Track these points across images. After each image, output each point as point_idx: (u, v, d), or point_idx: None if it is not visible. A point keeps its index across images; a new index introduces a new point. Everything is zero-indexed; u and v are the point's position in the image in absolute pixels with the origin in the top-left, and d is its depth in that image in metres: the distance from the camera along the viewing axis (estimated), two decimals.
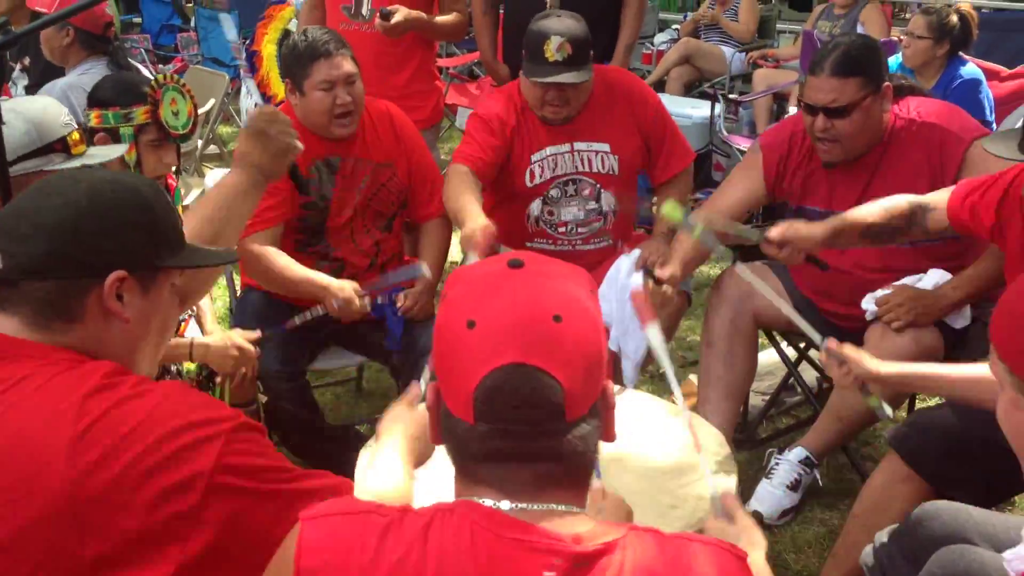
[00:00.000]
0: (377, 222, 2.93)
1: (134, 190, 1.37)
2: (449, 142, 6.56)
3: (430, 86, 3.71)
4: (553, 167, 2.98)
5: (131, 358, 1.38)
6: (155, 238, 1.37)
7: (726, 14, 7.28)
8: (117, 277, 1.32)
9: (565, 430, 1.06)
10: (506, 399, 1.04)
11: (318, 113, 2.73)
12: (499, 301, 1.07)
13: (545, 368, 1.04)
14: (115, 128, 2.48)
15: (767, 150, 2.81)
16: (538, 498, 1.06)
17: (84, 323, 1.32)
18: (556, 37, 2.75)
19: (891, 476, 2.22)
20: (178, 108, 2.53)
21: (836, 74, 2.51)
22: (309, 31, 2.78)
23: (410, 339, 2.84)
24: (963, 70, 4.11)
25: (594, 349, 1.09)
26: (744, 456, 2.99)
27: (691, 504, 1.87)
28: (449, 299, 1.11)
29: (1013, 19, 6.57)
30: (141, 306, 1.35)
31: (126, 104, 2.48)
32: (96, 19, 3.63)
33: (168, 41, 8.69)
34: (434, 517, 1.06)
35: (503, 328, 1.05)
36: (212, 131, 5.53)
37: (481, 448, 1.07)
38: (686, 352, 3.80)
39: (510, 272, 1.10)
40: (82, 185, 1.34)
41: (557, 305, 1.07)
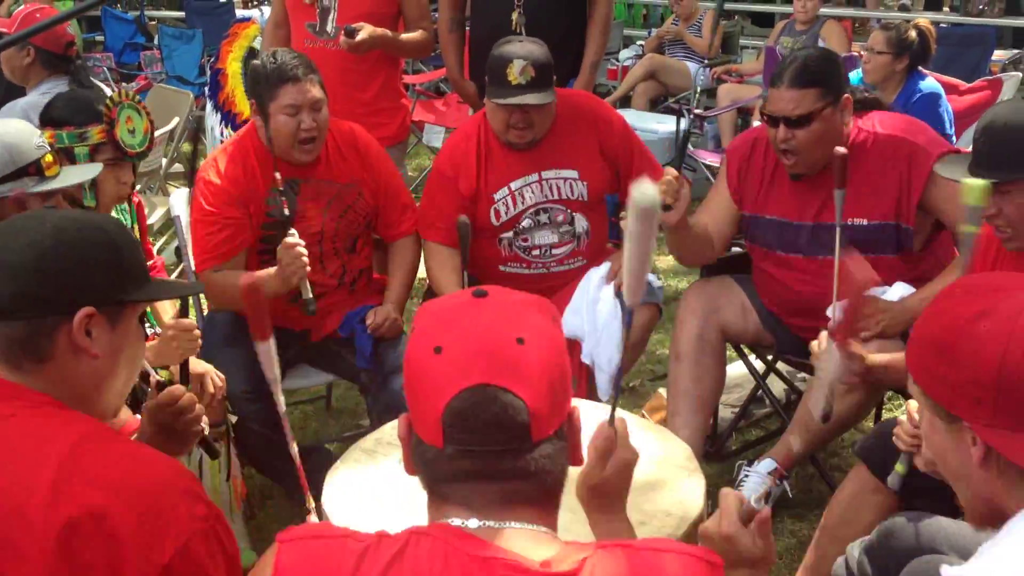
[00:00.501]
0: (345, 243, 2.92)
1: (99, 228, 1.39)
2: (416, 158, 6.57)
3: (396, 103, 3.70)
4: (522, 200, 2.98)
5: (99, 394, 1.38)
6: (121, 273, 1.39)
7: (690, 30, 7.35)
8: (86, 314, 1.33)
9: (531, 449, 1.08)
10: (473, 419, 1.06)
11: (282, 136, 2.71)
12: (464, 327, 1.11)
13: (510, 388, 1.07)
14: (69, 148, 2.43)
15: (730, 157, 2.84)
16: (506, 516, 1.08)
17: (54, 361, 1.33)
18: (519, 61, 2.77)
19: (859, 487, 2.23)
20: (134, 126, 2.49)
21: (795, 85, 2.55)
22: (279, 53, 2.75)
23: (379, 357, 2.82)
24: (922, 84, 4.18)
25: (558, 372, 1.12)
26: (714, 468, 3.01)
27: (659, 520, 1.86)
28: (417, 330, 1.15)
29: (970, 34, 6.70)
30: (110, 341, 1.37)
31: (81, 124, 2.43)
32: (57, 38, 3.60)
33: (131, 59, 8.62)
34: (409, 540, 1.08)
35: (468, 352, 1.08)
36: (177, 149, 5.48)
37: (450, 468, 1.09)
38: (655, 366, 3.81)
39: (475, 301, 1.14)
40: (47, 225, 1.36)
41: (520, 329, 1.10)
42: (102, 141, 2.44)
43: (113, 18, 9.09)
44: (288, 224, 2.80)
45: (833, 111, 2.57)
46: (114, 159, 2.47)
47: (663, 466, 2.05)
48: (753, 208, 2.80)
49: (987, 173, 2.03)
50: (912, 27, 4.19)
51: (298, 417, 3.50)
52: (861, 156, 2.64)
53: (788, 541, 2.78)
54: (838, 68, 2.66)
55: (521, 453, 1.08)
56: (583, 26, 3.65)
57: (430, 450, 1.09)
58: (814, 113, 2.55)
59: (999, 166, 2.04)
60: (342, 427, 3.43)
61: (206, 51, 7.80)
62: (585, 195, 3.00)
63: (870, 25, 8.40)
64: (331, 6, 3.49)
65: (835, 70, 2.63)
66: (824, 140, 2.59)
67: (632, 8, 10.13)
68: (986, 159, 2.08)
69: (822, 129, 2.57)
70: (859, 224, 2.64)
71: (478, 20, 3.74)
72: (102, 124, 2.43)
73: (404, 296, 2.98)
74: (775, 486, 2.75)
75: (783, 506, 2.84)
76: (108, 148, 2.45)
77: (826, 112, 2.56)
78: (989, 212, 2.06)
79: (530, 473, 1.08)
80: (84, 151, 2.43)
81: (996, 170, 2.04)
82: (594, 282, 2.94)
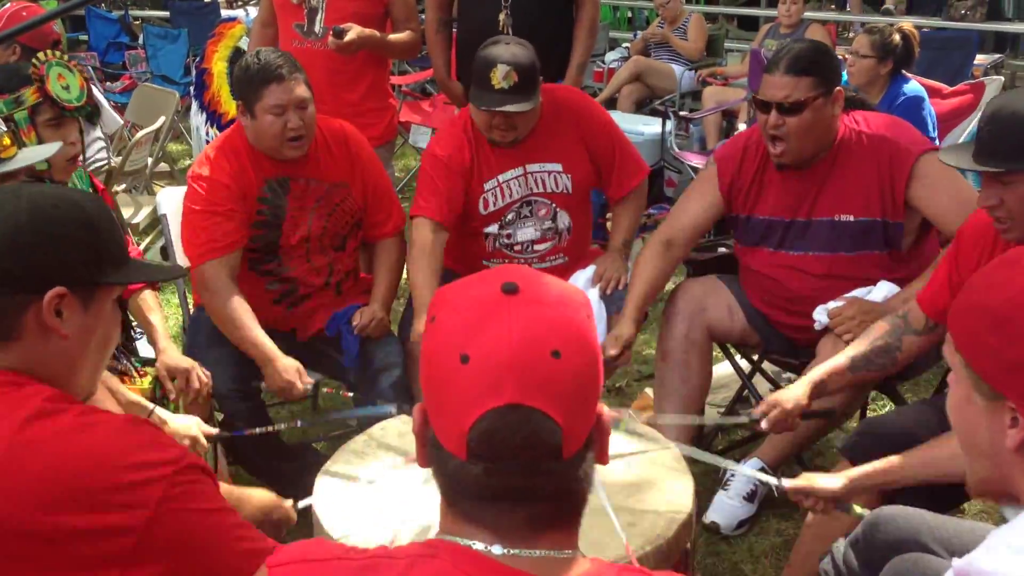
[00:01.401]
0: (333, 242, 2.92)
1: (76, 205, 1.36)
2: (403, 159, 6.57)
3: (384, 103, 3.71)
4: (508, 193, 2.99)
5: (70, 375, 1.36)
6: (97, 254, 1.35)
7: (675, 33, 7.38)
8: (56, 293, 1.30)
9: (562, 468, 1.01)
10: (502, 442, 0.98)
11: (269, 136, 2.71)
12: (494, 334, 0.99)
13: (543, 409, 0.98)
14: (9, 116, 2.39)
15: (721, 162, 2.85)
16: (533, 543, 1.01)
17: (22, 340, 1.30)
18: (503, 66, 2.76)
19: None
20: (67, 82, 2.45)
21: (790, 72, 2.58)
22: (262, 53, 2.74)
23: (366, 357, 2.83)
24: (906, 87, 4.21)
25: (592, 382, 1.03)
26: (701, 468, 3.01)
27: (649, 519, 1.87)
28: (439, 324, 1.04)
29: (953, 38, 6.75)
30: (81, 322, 1.34)
31: (12, 89, 2.40)
32: (43, 37, 3.59)
33: (115, 59, 8.59)
34: (414, 561, 1.01)
35: (499, 365, 0.98)
36: (162, 149, 5.46)
37: (474, 487, 1.01)
38: (641, 366, 3.82)
39: (504, 299, 1.02)
40: (23, 201, 1.33)
41: (555, 339, 1.00)
42: (38, 101, 2.41)
43: (97, 17, 9.05)
44: (280, 224, 2.80)
45: (825, 102, 2.60)
46: (54, 118, 2.44)
47: (652, 466, 2.06)
48: (744, 209, 2.81)
49: (991, 161, 2.01)
50: (896, 31, 4.22)
51: (285, 416, 3.49)
52: (846, 152, 2.67)
53: (774, 540, 2.80)
54: (833, 61, 2.69)
55: (552, 474, 1.00)
56: (570, 27, 3.66)
57: (452, 460, 1.01)
58: (806, 101, 2.57)
59: (1003, 155, 2.00)
60: (329, 427, 3.42)
61: (191, 51, 7.78)
62: (569, 187, 3.01)
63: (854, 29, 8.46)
64: (319, 6, 3.50)
65: (830, 62, 2.66)
66: (813, 130, 2.61)
67: (618, 10, 10.17)
68: (990, 148, 2.03)
69: (812, 119, 2.59)
70: (846, 220, 2.67)
71: (465, 21, 3.75)
72: (33, 85, 2.41)
73: (390, 296, 2.99)
74: (761, 485, 2.77)
75: (769, 505, 2.86)
76: (46, 107, 2.42)
77: (818, 102, 2.58)
78: (990, 203, 2.05)
79: (559, 494, 1.02)
80: (23, 115, 2.39)
81: (1000, 159, 2.00)
82: (580, 284, 2.95)
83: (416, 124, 6.35)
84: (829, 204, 2.69)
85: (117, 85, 7.49)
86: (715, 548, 2.76)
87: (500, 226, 3.03)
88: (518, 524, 1.01)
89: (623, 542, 1.70)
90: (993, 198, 2.04)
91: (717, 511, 2.80)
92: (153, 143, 5.17)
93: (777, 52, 2.68)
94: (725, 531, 2.78)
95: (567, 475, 1.01)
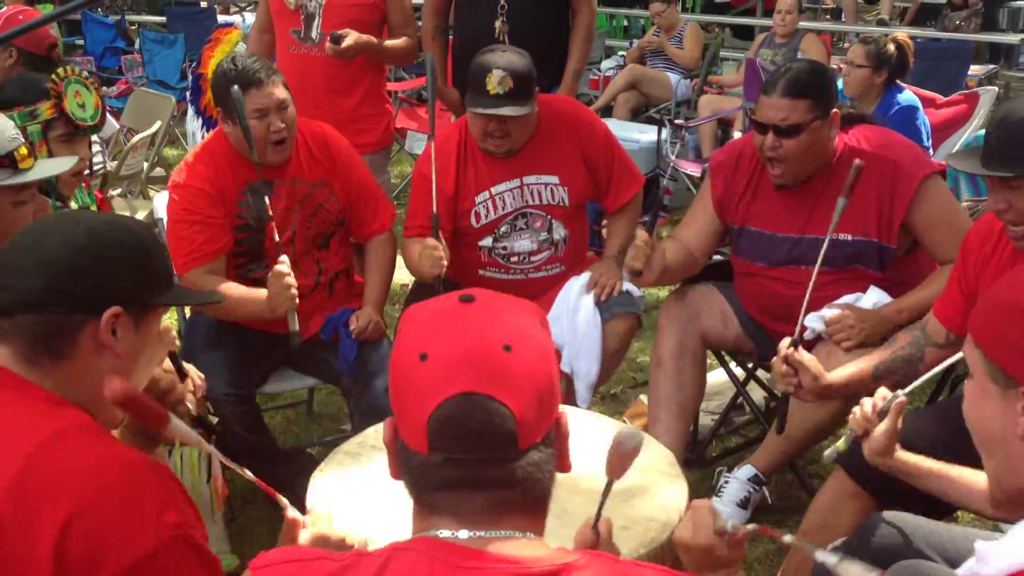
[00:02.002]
0: (317, 242, 2.92)
1: (129, 230, 1.43)
2: (398, 165, 6.57)
3: (380, 109, 3.71)
4: (502, 205, 3.00)
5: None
6: (148, 276, 1.42)
7: (671, 41, 7.41)
8: (113, 313, 1.35)
9: (518, 457, 1.07)
10: (459, 427, 1.05)
11: (253, 140, 2.71)
12: (450, 333, 1.08)
13: (496, 396, 1.05)
14: (23, 128, 2.38)
15: (715, 171, 2.86)
16: (496, 524, 1.07)
17: (73, 360, 1.34)
18: (498, 71, 2.78)
19: (838, 493, 2.25)
20: (83, 100, 2.47)
21: (787, 94, 2.58)
22: (238, 59, 2.74)
23: (360, 360, 2.83)
24: (900, 97, 4.23)
25: (545, 378, 1.10)
26: (694, 475, 3.02)
27: (642, 525, 1.87)
28: (402, 335, 1.13)
29: (947, 48, 6.79)
30: (132, 341, 1.39)
31: (30, 102, 2.42)
32: (40, 40, 3.60)
33: (112, 63, 8.59)
34: (391, 557, 1.06)
35: (454, 359, 1.06)
36: (158, 153, 5.46)
37: (436, 477, 1.07)
38: (636, 373, 3.83)
39: (461, 306, 1.12)
40: (81, 225, 1.39)
41: (507, 336, 1.08)
42: (53, 116, 2.43)
43: (94, 22, 9.05)
44: (263, 227, 2.80)
45: (822, 124, 2.60)
46: (67, 134, 2.45)
47: (646, 472, 2.06)
48: (738, 220, 2.82)
49: (999, 166, 2.01)
50: (891, 41, 4.24)
51: (280, 421, 3.50)
52: (845, 171, 2.67)
53: (767, 547, 2.80)
54: (830, 82, 2.69)
55: (507, 461, 1.06)
56: (566, 35, 3.68)
57: (416, 456, 1.07)
58: (803, 124, 2.58)
59: (1013, 160, 2.00)
60: (324, 431, 3.43)
61: (187, 56, 7.79)
62: (566, 200, 3.01)
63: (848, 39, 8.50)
64: (316, 12, 3.50)
65: (827, 84, 2.66)
66: (810, 152, 2.62)
67: (614, 19, 10.20)
68: (999, 153, 2.02)
69: (809, 141, 2.60)
70: (844, 239, 2.65)
71: (461, 28, 3.76)
72: (50, 100, 2.42)
73: (383, 297, 2.98)
74: (754, 492, 2.77)
75: (762, 512, 2.86)
76: (60, 123, 2.44)
77: (815, 124, 2.59)
78: (998, 207, 2.05)
79: (517, 481, 1.07)
80: (36, 129, 2.41)
81: (1009, 164, 2.00)
82: (574, 291, 2.96)
83: (412, 131, 6.36)
84: (824, 222, 2.68)
85: (113, 90, 7.48)
86: None
87: (494, 239, 3.03)
88: (479, 509, 1.07)
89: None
90: (1002, 202, 2.04)
91: None
92: (149, 148, 5.17)
93: (774, 73, 2.68)
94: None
95: (523, 464, 1.07)
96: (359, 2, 3.51)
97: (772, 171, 2.67)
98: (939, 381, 2.96)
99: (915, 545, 1.79)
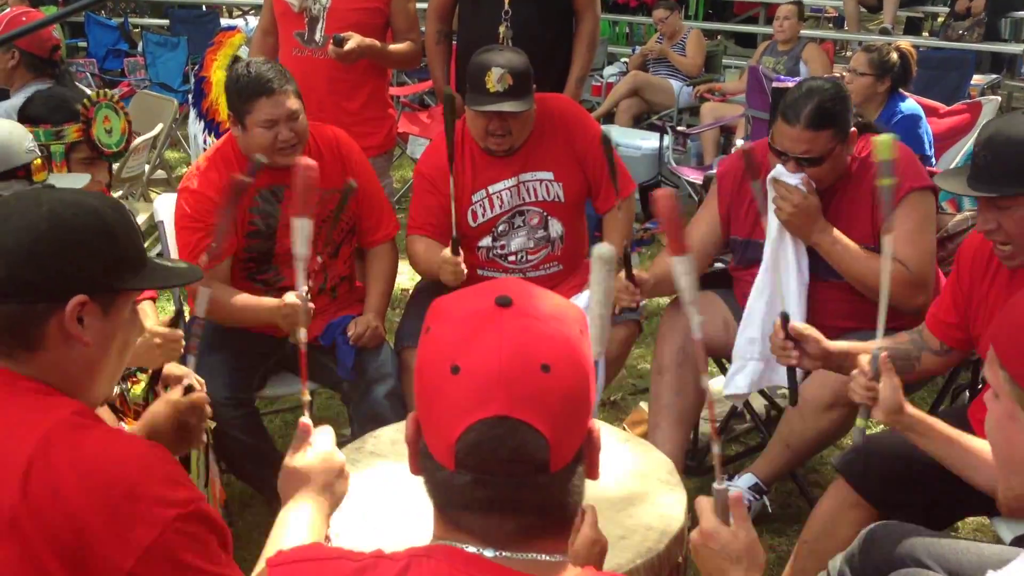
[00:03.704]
0: (327, 248, 2.92)
1: (95, 212, 1.36)
2: (400, 170, 6.57)
3: (383, 113, 3.71)
4: (499, 204, 3.00)
5: (91, 382, 1.36)
6: (116, 260, 1.36)
7: (674, 48, 7.41)
8: (78, 302, 1.31)
9: (550, 482, 1.02)
10: (489, 453, 0.99)
11: (260, 148, 2.70)
12: (485, 346, 1.00)
13: (530, 422, 0.99)
14: (46, 145, 2.42)
15: (722, 179, 2.85)
16: (523, 548, 1.02)
17: (46, 350, 1.31)
18: (497, 68, 2.79)
19: (839, 502, 2.24)
20: (111, 126, 2.48)
21: (811, 127, 2.55)
22: (252, 65, 2.73)
23: (360, 367, 2.82)
24: (903, 106, 4.23)
25: (582, 396, 1.04)
26: (694, 483, 3.01)
27: (640, 534, 1.86)
28: (432, 335, 1.05)
29: (950, 57, 6.79)
30: (102, 328, 1.34)
31: (58, 122, 2.43)
32: (42, 42, 3.58)
33: (114, 66, 8.60)
34: (410, 562, 1.02)
35: (488, 377, 0.99)
36: (160, 156, 5.47)
37: (462, 497, 1.02)
38: (636, 380, 3.82)
39: (497, 312, 1.03)
40: (43, 208, 1.33)
41: (545, 352, 1.01)
42: (78, 140, 2.43)
43: (97, 24, 9.07)
44: (273, 234, 2.80)
45: (842, 148, 2.61)
46: (89, 158, 2.46)
47: (645, 480, 2.06)
48: (743, 232, 2.81)
49: (987, 187, 2.01)
50: (894, 49, 4.24)
51: (279, 426, 3.49)
52: (846, 180, 2.67)
53: (767, 556, 2.79)
54: (848, 104, 2.65)
55: (539, 487, 1.01)
56: (569, 41, 3.68)
57: (441, 470, 1.02)
58: (827, 153, 2.58)
59: (1000, 180, 2.00)
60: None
61: (190, 59, 7.79)
62: (561, 196, 3.02)
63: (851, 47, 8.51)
64: (320, 15, 3.50)
65: (847, 107, 2.63)
66: (831, 174, 2.63)
67: (616, 25, 10.20)
68: (987, 173, 2.03)
69: (831, 166, 2.61)
70: None
71: (465, 33, 3.76)
72: (79, 123, 2.43)
73: (384, 304, 2.98)
74: (755, 500, 2.76)
75: (762, 520, 2.85)
76: (84, 147, 2.45)
77: (836, 150, 2.59)
78: (987, 227, 2.05)
79: (547, 508, 1.03)
80: (60, 149, 2.42)
81: (996, 184, 2.00)
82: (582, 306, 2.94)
83: (414, 135, 6.36)
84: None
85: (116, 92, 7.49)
86: None
87: (493, 238, 3.03)
88: (507, 533, 1.02)
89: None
90: (991, 222, 2.04)
91: None
92: (150, 150, 5.17)
93: (796, 99, 2.59)
94: None
95: (554, 488, 1.02)
96: (363, 6, 3.51)
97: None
98: (942, 389, 2.96)
99: (916, 556, 1.78)
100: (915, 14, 9.61)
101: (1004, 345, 1.22)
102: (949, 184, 2.17)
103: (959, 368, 2.83)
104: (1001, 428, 1.23)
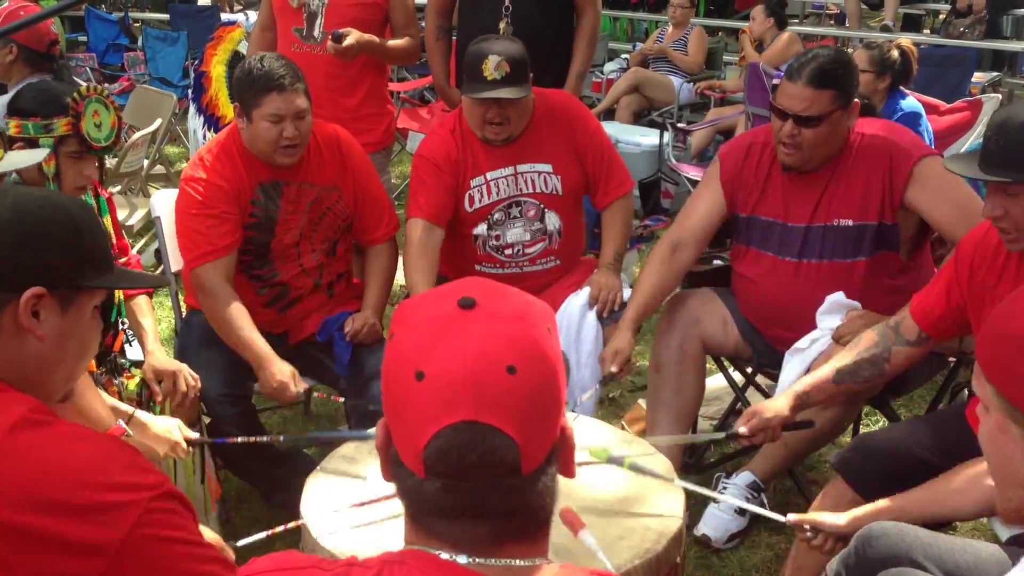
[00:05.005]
0: (323, 246, 2.91)
1: (62, 208, 1.35)
2: (400, 166, 6.56)
3: (382, 109, 3.70)
4: (496, 191, 3.00)
5: (43, 379, 1.34)
6: (79, 257, 1.34)
7: (676, 43, 7.39)
8: (34, 293, 1.29)
9: (521, 484, 1.00)
10: (457, 459, 0.98)
11: (264, 142, 2.69)
12: (448, 350, 0.99)
13: (498, 426, 0.97)
14: (34, 138, 2.40)
15: (725, 159, 2.84)
16: (497, 553, 1.01)
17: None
18: (494, 56, 2.80)
19: (836, 500, 2.24)
20: (101, 120, 2.46)
21: (812, 84, 2.55)
22: (267, 59, 2.72)
23: (357, 363, 2.81)
24: (904, 103, 4.21)
25: (551, 397, 1.02)
26: (692, 480, 3.00)
27: (639, 535, 1.85)
28: (397, 341, 1.04)
29: (951, 55, 6.77)
30: (58, 325, 1.33)
31: (47, 115, 2.41)
32: (41, 36, 3.57)
33: (114, 60, 8.58)
34: (381, 569, 1.01)
35: (453, 382, 0.97)
36: (159, 151, 5.45)
37: (433, 503, 1.01)
38: (635, 377, 3.81)
39: (460, 315, 1.01)
40: (8, 199, 1.32)
41: (511, 354, 0.99)
42: (67, 133, 2.42)
43: (96, 19, 9.06)
44: (272, 227, 2.79)
45: (842, 115, 2.59)
46: (78, 152, 2.45)
47: (642, 478, 2.05)
48: (747, 209, 2.80)
49: (997, 171, 1.99)
50: (895, 47, 4.22)
51: (277, 422, 3.48)
52: (848, 157, 2.66)
53: (765, 554, 2.79)
54: (854, 72, 2.65)
55: (511, 491, 1.00)
56: (570, 37, 3.67)
57: (412, 477, 1.00)
58: (825, 115, 2.56)
59: (1010, 166, 1.98)
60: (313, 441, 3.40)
61: (190, 54, 7.78)
62: (559, 188, 3.02)
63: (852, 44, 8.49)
64: (318, 11, 3.49)
65: (851, 73, 2.63)
66: (828, 141, 2.61)
67: (617, 21, 10.19)
68: (998, 158, 1.99)
69: (829, 131, 2.59)
70: (844, 224, 2.65)
71: (465, 28, 3.74)
72: (68, 116, 2.41)
73: (382, 302, 2.97)
74: (753, 498, 2.76)
75: (760, 519, 2.84)
76: (73, 141, 2.43)
77: (835, 115, 2.57)
78: (995, 213, 2.03)
79: (520, 511, 1.01)
80: (49, 142, 2.40)
81: (1007, 170, 1.98)
82: (576, 309, 2.94)
83: (414, 131, 6.35)
84: (830, 209, 2.67)
85: (115, 87, 7.46)
86: (706, 561, 2.75)
87: (488, 226, 3.02)
88: (480, 538, 1.01)
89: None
90: (998, 208, 2.02)
91: (708, 524, 2.79)
92: (150, 145, 5.16)
93: (800, 57, 2.64)
94: (716, 544, 2.77)
95: (527, 491, 1.01)
96: (362, 1, 3.49)
97: (783, 151, 2.64)
98: (940, 388, 2.95)
99: (912, 556, 1.77)
100: (916, 11, 9.64)
101: (988, 358, 1.21)
102: (960, 167, 2.14)
103: (958, 366, 2.83)
104: (993, 441, 1.23)
